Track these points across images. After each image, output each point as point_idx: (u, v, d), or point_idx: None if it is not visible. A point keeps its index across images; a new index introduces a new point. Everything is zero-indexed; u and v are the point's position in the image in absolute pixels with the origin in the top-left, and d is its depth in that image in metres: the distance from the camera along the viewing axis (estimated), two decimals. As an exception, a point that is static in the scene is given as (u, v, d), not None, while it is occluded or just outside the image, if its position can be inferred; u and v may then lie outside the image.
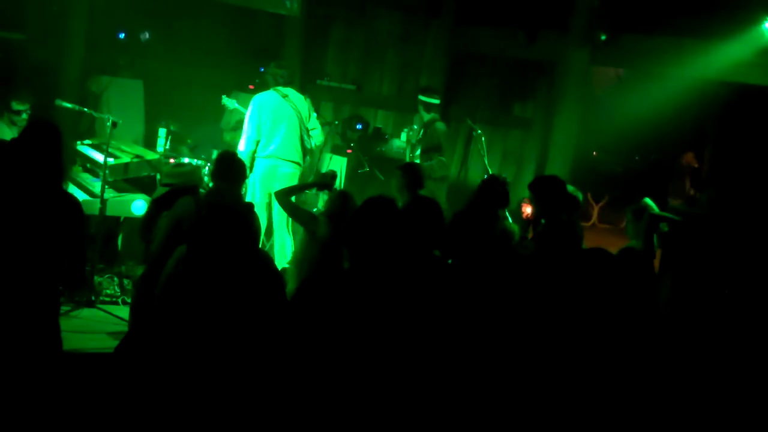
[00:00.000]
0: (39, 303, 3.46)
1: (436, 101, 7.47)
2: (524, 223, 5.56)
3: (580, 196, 5.55)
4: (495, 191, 5.26)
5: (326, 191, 5.31)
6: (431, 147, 7.30)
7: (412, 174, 5.44)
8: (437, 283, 3.39)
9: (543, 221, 4.91)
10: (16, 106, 5.93)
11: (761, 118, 9.68)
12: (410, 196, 5.32)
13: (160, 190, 4.74)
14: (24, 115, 5.97)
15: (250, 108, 6.51)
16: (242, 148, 6.37)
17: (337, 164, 8.59)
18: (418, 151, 7.42)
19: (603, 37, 8.53)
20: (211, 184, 5.56)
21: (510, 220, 6.81)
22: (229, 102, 7.09)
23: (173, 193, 4.56)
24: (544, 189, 4.87)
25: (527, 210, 5.36)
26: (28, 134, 3.61)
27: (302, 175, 6.66)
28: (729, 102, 10.19)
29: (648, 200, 5.56)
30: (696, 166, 10.76)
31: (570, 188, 5.19)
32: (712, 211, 5.61)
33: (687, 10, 8.15)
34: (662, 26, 8.34)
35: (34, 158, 3.47)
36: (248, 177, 6.04)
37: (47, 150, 3.53)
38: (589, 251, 3.52)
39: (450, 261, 3.83)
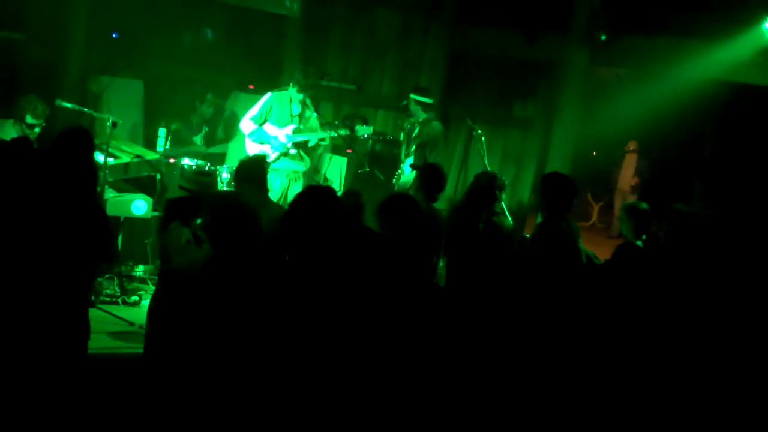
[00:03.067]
0: (68, 302, 3.49)
1: (429, 101, 7.52)
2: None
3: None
4: (480, 188, 5.26)
5: None
6: (425, 143, 7.33)
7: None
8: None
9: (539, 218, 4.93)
10: (30, 119, 5.94)
11: (761, 118, 9.68)
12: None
13: (177, 193, 4.69)
14: (37, 129, 5.99)
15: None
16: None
17: (337, 164, 8.59)
18: (413, 147, 7.46)
19: (603, 37, 8.53)
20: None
21: (508, 216, 6.81)
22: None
23: (189, 201, 4.49)
24: (556, 187, 4.84)
25: None
26: (62, 141, 3.61)
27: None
28: (729, 102, 10.18)
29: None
30: (635, 153, 10.78)
31: None
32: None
33: (687, 11, 8.15)
34: (662, 26, 8.34)
35: (68, 165, 3.50)
36: None
37: (81, 157, 3.55)
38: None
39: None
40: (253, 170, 4.69)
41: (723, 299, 5.23)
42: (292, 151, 6.80)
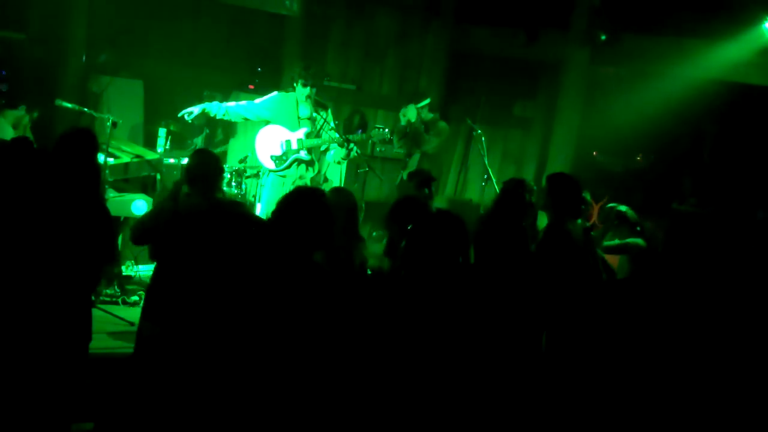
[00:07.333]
0: (71, 304, 3.50)
1: (428, 99, 7.68)
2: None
3: (588, 196, 5.51)
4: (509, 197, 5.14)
5: None
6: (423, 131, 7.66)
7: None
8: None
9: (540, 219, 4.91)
10: (23, 109, 5.99)
11: (761, 118, 9.68)
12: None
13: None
14: (28, 118, 6.03)
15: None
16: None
17: (336, 164, 8.60)
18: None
19: (603, 37, 8.54)
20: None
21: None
22: None
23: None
24: (561, 187, 4.76)
25: None
26: (66, 142, 3.63)
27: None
28: (729, 102, 10.18)
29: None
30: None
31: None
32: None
33: (687, 10, 8.15)
34: (662, 26, 8.34)
35: (71, 166, 3.51)
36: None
37: (84, 157, 3.57)
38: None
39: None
40: (198, 168, 4.16)
41: (722, 299, 5.23)
42: (305, 156, 6.66)
